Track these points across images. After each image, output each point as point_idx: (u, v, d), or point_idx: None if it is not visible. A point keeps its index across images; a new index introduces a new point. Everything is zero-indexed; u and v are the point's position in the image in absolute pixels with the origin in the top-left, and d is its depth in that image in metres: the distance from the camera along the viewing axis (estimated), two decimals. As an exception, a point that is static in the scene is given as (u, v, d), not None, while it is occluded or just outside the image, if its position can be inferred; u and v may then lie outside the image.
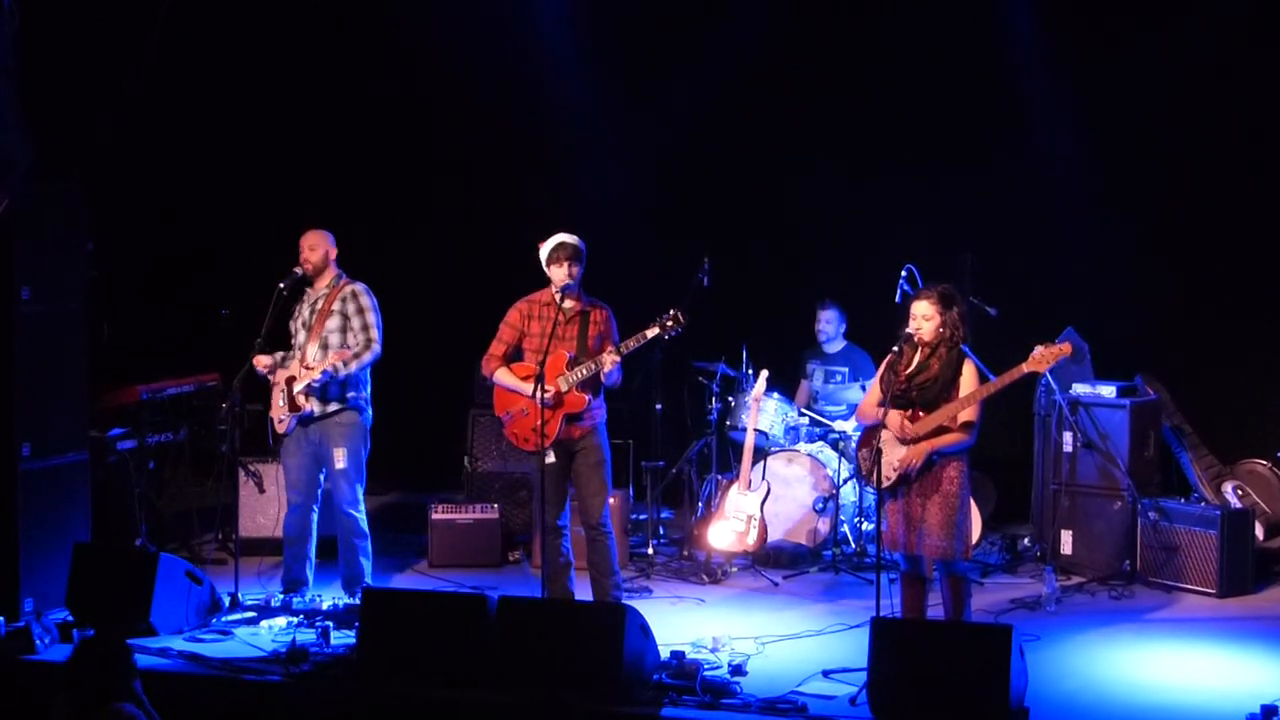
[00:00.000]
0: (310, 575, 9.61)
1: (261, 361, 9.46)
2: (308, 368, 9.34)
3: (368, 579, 9.57)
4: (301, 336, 9.46)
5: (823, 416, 11.17)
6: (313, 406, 9.35)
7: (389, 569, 10.52)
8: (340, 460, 9.40)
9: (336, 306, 9.43)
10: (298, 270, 9.44)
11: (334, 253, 9.54)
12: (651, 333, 8.84)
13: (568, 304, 8.99)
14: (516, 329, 9.09)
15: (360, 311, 9.43)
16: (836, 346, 11.38)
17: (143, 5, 10.34)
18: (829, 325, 11.33)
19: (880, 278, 10.41)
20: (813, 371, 11.44)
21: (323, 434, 9.42)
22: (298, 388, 9.32)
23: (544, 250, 8.99)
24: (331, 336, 9.41)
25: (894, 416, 8.19)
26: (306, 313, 9.50)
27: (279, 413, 9.45)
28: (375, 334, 9.42)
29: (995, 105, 11.77)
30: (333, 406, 9.40)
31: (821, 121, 12.05)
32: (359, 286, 9.50)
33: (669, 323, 8.78)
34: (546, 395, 8.70)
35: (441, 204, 12.93)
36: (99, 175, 10.07)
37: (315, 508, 9.57)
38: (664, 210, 12.44)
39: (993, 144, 11.72)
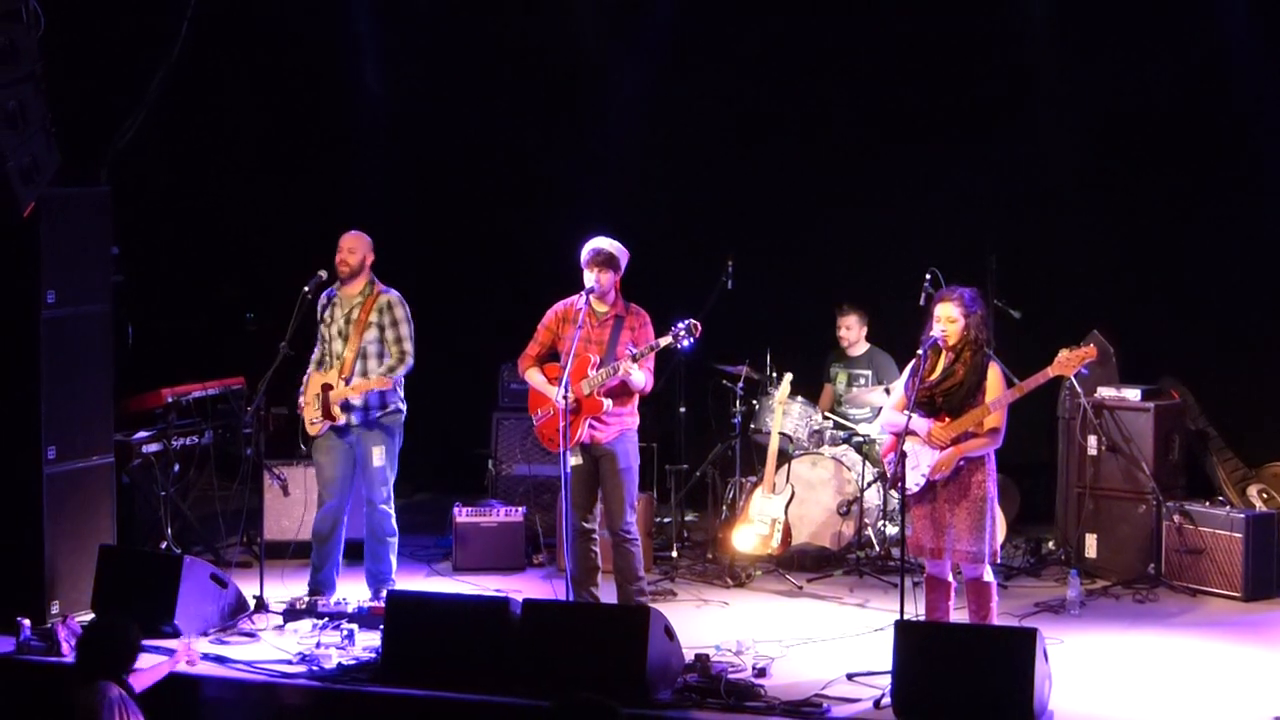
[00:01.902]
0: (336, 577, 9.62)
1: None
2: (345, 381, 9.34)
3: (393, 576, 9.61)
4: (339, 345, 9.44)
5: (846, 419, 11.15)
6: (347, 420, 9.37)
7: (413, 572, 10.52)
8: (378, 458, 9.42)
9: (374, 318, 9.38)
10: (322, 273, 9.39)
11: (371, 258, 9.46)
12: (664, 341, 8.83)
13: (601, 308, 8.99)
14: (551, 331, 9.10)
15: (395, 324, 9.39)
16: (860, 349, 11.36)
17: (169, 8, 10.35)
18: (848, 331, 11.29)
19: (904, 280, 10.39)
20: (836, 374, 11.42)
21: (360, 433, 9.44)
22: (335, 401, 9.33)
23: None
24: (370, 347, 9.37)
25: (920, 423, 8.17)
26: (341, 320, 9.45)
27: (312, 414, 9.46)
28: (409, 346, 9.39)
29: (1019, 107, 11.72)
30: (374, 413, 9.41)
31: (845, 123, 12.03)
32: (395, 296, 9.46)
33: (682, 332, 8.76)
34: (567, 398, 8.71)
35: (466, 206, 12.92)
36: (124, 179, 10.09)
37: (347, 507, 9.59)
38: (688, 212, 12.41)
39: (1017, 145, 11.68)
